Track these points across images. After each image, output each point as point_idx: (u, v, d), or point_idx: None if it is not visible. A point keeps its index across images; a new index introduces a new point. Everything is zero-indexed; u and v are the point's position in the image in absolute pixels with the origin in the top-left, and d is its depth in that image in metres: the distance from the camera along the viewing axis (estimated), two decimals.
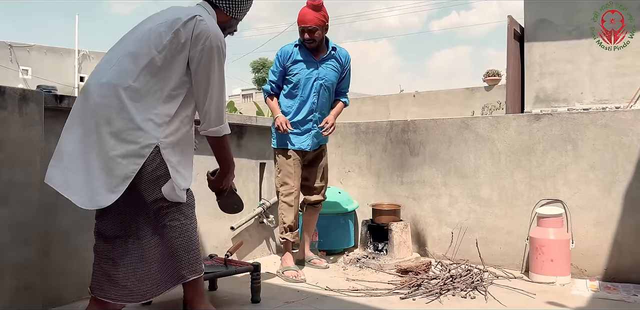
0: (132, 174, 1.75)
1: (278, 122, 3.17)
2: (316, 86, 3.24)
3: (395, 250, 3.48)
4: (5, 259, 2.07)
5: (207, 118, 1.93)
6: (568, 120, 3.25)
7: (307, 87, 3.23)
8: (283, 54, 3.27)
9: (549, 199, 3.28)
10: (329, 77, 3.28)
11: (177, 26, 1.86)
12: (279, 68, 3.28)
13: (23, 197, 2.13)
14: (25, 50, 19.62)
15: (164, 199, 1.83)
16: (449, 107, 12.47)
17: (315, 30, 3.17)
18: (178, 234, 1.91)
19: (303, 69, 3.23)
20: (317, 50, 3.28)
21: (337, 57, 3.33)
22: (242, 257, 3.59)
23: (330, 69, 3.29)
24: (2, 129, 2.07)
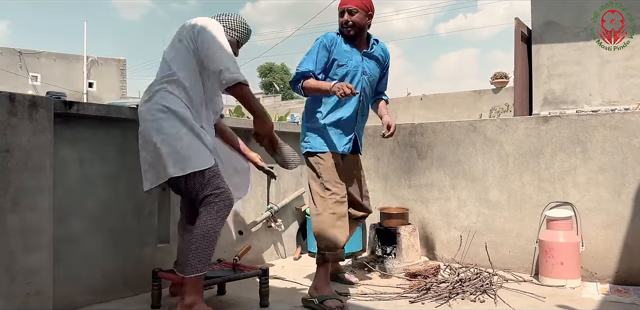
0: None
1: (338, 86, 2.52)
2: (362, 81, 2.81)
3: (404, 253, 3.46)
4: (16, 264, 2.09)
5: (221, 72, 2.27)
6: (577, 122, 3.24)
7: (354, 82, 2.78)
8: (329, 39, 2.76)
9: (558, 201, 3.26)
10: (373, 72, 2.87)
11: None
12: (321, 54, 2.74)
13: (33, 203, 2.15)
14: (35, 57, 19.82)
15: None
16: (457, 110, 12.45)
17: (356, 12, 2.74)
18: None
19: (350, 60, 2.77)
20: (358, 42, 2.84)
21: (379, 51, 2.92)
22: (250, 262, 3.59)
23: (374, 64, 2.88)
24: (12, 135, 2.09)
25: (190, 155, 2.27)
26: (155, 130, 2.30)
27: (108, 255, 2.68)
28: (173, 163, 2.25)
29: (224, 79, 2.25)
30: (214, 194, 2.28)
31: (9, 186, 2.06)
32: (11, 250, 2.08)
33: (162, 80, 2.38)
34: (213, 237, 2.26)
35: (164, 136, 2.28)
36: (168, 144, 2.27)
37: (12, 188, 2.07)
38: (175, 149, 2.26)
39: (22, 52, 19.38)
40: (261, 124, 2.37)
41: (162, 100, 2.33)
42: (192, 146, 2.29)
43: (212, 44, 2.32)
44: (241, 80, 2.27)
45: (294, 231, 4.08)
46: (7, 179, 2.06)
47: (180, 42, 2.40)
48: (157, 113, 2.31)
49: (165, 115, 2.30)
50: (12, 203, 2.08)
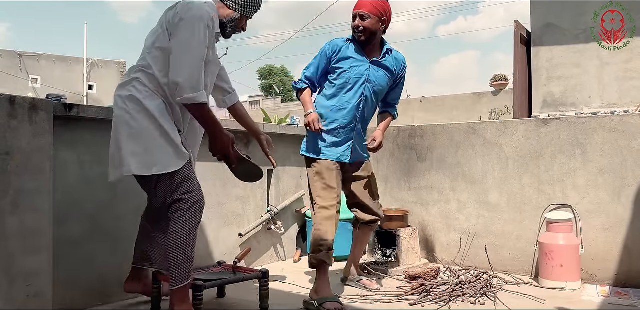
0: None
1: (309, 119, 2.70)
2: (365, 89, 2.79)
3: (404, 256, 3.46)
4: (15, 267, 2.09)
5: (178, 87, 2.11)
6: (576, 124, 3.24)
7: (354, 89, 2.77)
8: (332, 47, 2.79)
9: (558, 204, 3.26)
10: (380, 81, 2.82)
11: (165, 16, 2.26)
12: (322, 62, 2.81)
13: (33, 205, 2.14)
14: (35, 60, 19.85)
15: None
16: (456, 112, 12.47)
17: (367, 18, 2.70)
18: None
19: (353, 67, 2.76)
20: (370, 49, 2.81)
21: (392, 61, 2.87)
22: (250, 264, 3.59)
23: (382, 73, 2.83)
24: (12, 137, 2.09)
25: (156, 155, 2.15)
26: (123, 123, 2.19)
27: (107, 258, 2.68)
28: (137, 161, 2.15)
29: (179, 96, 2.10)
30: (183, 199, 2.18)
31: (8, 188, 2.06)
32: (11, 252, 2.08)
33: (138, 69, 2.25)
34: (191, 244, 2.19)
35: (132, 131, 2.17)
36: (134, 140, 2.16)
37: (12, 190, 2.07)
38: (141, 146, 2.15)
39: (22, 54, 19.41)
40: (213, 142, 2.23)
41: (135, 91, 2.21)
42: (160, 145, 2.16)
43: (181, 48, 2.13)
44: (200, 101, 2.12)
45: (294, 233, 4.08)
46: (7, 182, 2.06)
47: (162, 27, 2.23)
48: (129, 104, 2.20)
49: (137, 108, 2.18)
50: (12, 205, 2.07)
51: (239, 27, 2.40)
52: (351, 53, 2.79)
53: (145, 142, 2.15)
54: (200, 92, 2.10)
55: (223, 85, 2.61)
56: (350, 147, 2.83)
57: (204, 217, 3.29)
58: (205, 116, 2.17)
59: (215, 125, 2.20)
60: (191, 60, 2.11)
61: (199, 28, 2.13)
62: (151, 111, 2.17)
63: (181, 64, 2.10)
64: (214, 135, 2.21)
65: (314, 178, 2.79)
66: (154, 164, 2.15)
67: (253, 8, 2.38)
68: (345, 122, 2.79)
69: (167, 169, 2.16)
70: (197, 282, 2.41)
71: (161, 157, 2.15)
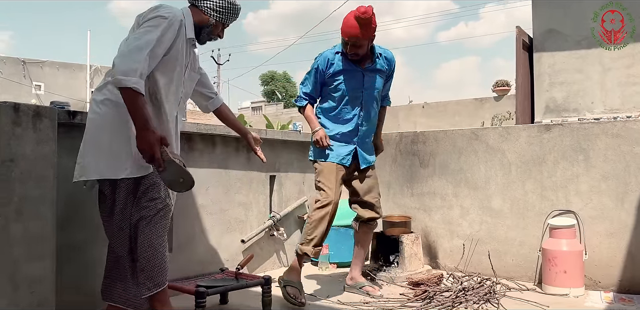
0: None
1: (317, 136, 2.86)
2: (363, 98, 2.92)
3: (407, 262, 3.46)
4: (19, 273, 2.09)
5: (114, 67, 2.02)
6: (579, 130, 3.24)
7: (352, 101, 2.91)
8: (323, 62, 2.89)
9: (561, 209, 3.25)
10: (375, 84, 2.95)
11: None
12: (317, 76, 2.91)
13: (37, 212, 2.15)
14: (38, 66, 19.95)
15: None
16: (458, 118, 12.46)
17: (361, 45, 2.80)
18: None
19: (348, 80, 2.87)
20: (362, 59, 2.92)
21: (382, 61, 2.98)
22: (253, 270, 3.59)
23: (377, 77, 2.96)
24: (16, 144, 2.10)
25: (125, 159, 2.11)
26: (96, 127, 2.15)
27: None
28: (107, 164, 2.11)
29: (113, 76, 2.02)
30: (149, 206, 2.13)
31: (13, 195, 2.07)
32: (15, 259, 2.08)
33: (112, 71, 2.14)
34: (162, 252, 2.14)
35: (103, 135, 2.13)
36: (106, 142, 2.12)
37: (16, 197, 2.08)
38: (112, 149, 2.11)
39: (26, 61, 19.51)
40: (137, 140, 2.03)
41: (110, 94, 2.14)
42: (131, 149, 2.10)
43: (135, 36, 2.08)
44: (126, 86, 1.98)
45: (297, 240, 4.07)
46: (11, 189, 2.07)
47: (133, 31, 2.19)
48: (102, 107, 2.15)
49: (110, 111, 2.13)
50: (16, 212, 2.08)
51: (215, 34, 2.38)
52: (344, 65, 2.89)
53: (116, 146, 2.11)
54: (133, 78, 1.98)
55: (204, 91, 2.62)
56: (352, 152, 2.96)
57: (207, 223, 3.32)
58: (134, 104, 2.00)
59: (142, 119, 2.02)
60: (137, 45, 2.03)
61: (160, 25, 2.10)
62: (124, 115, 2.08)
63: (125, 47, 2.05)
64: (139, 129, 2.03)
65: (316, 178, 2.96)
66: (123, 168, 2.11)
67: (229, 15, 2.36)
68: (348, 130, 2.95)
69: (137, 172, 2.12)
70: (200, 289, 2.41)
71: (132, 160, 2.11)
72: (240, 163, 3.56)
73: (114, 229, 2.19)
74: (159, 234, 2.14)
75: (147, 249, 2.11)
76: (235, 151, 3.53)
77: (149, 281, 2.11)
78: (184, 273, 2.97)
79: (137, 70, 1.99)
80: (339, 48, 2.91)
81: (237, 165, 3.52)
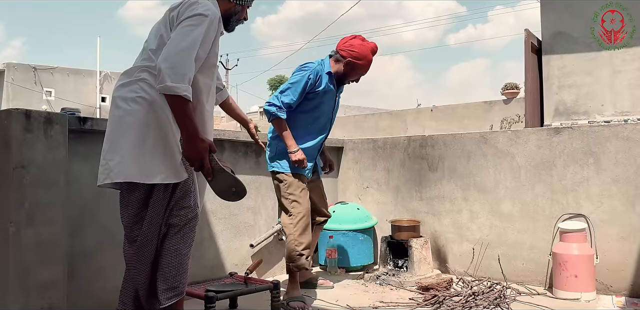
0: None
1: (298, 157, 2.89)
2: (332, 118, 3.14)
3: (416, 267, 3.44)
4: (30, 279, 2.11)
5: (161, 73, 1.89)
6: (589, 133, 3.22)
7: (326, 117, 3.08)
8: (315, 76, 2.93)
9: (571, 213, 3.23)
10: (338, 107, 3.21)
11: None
12: (304, 90, 2.91)
13: (48, 218, 2.18)
14: (49, 73, 20.14)
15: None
16: (467, 121, 12.41)
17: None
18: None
19: (327, 101, 3.03)
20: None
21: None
22: (262, 275, 3.59)
23: (339, 99, 3.19)
24: (28, 151, 2.12)
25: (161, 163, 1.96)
26: (128, 125, 1.98)
27: (122, 268, 2.69)
28: (138, 166, 1.94)
29: (161, 83, 1.88)
30: (179, 215, 2.01)
31: (24, 201, 2.10)
32: (26, 264, 2.10)
33: (142, 68, 2.05)
34: (187, 262, 2.05)
35: (136, 134, 1.96)
36: (138, 143, 1.96)
37: (27, 203, 2.10)
38: (146, 151, 1.95)
39: (37, 67, 19.71)
40: (186, 147, 1.95)
41: (143, 93, 2.00)
42: (170, 153, 1.98)
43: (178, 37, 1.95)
44: (179, 93, 1.88)
45: None
46: (23, 194, 2.10)
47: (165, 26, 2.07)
48: (134, 105, 1.99)
49: (143, 111, 1.98)
50: (27, 218, 2.11)
51: (241, 18, 2.30)
52: (328, 85, 2.98)
53: (151, 148, 1.96)
54: (183, 85, 1.89)
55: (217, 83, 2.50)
56: (313, 166, 3.11)
57: (216, 228, 3.33)
58: (183, 112, 1.92)
59: (192, 126, 1.94)
60: (184, 48, 1.92)
61: (202, 24, 1.98)
62: (160, 116, 1.98)
63: (171, 50, 1.91)
64: (188, 138, 1.95)
65: (286, 190, 2.97)
66: (158, 173, 1.95)
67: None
68: (314, 144, 3.05)
69: (175, 178, 1.98)
70: (209, 294, 2.42)
71: (166, 165, 1.97)
72: (249, 168, 3.57)
73: (139, 237, 2.02)
74: (186, 244, 2.04)
75: (174, 258, 2.00)
76: (244, 156, 3.54)
77: (170, 290, 2.00)
78: (193, 277, 2.97)
79: (185, 75, 1.90)
80: (328, 68, 2.99)
81: (245, 170, 3.54)
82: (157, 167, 1.95)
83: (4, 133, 2.12)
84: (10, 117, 2.09)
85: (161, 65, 1.88)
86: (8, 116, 2.10)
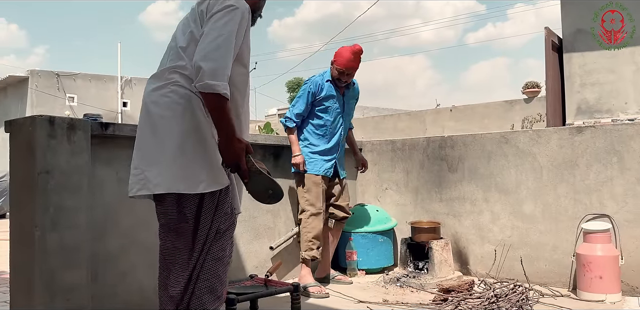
0: None
1: (297, 161, 3.37)
2: (344, 120, 3.51)
3: (437, 268, 3.42)
4: (55, 282, 2.15)
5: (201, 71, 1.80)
6: (612, 131, 3.16)
7: (336, 121, 3.46)
8: (315, 86, 3.41)
9: (595, 213, 3.18)
10: (352, 110, 3.62)
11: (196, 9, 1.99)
12: (308, 100, 3.41)
13: (72, 222, 2.22)
14: (71, 79, 20.49)
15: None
16: (488, 121, 12.28)
17: (353, 74, 3.45)
18: None
19: (334, 105, 3.44)
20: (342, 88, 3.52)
21: (355, 89, 3.62)
22: (282, 277, 3.61)
23: (352, 103, 3.61)
24: (52, 156, 2.17)
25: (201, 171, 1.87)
26: (164, 131, 1.88)
27: (145, 271, 2.73)
28: (178, 176, 1.85)
29: (200, 81, 1.79)
30: (221, 221, 1.94)
31: (49, 206, 2.14)
32: (51, 268, 2.15)
33: (171, 70, 1.97)
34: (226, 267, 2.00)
35: (174, 141, 1.87)
36: (176, 150, 1.86)
37: (52, 208, 2.15)
38: (185, 159, 1.86)
39: (60, 74, 20.07)
40: (223, 148, 1.88)
41: (177, 97, 1.91)
42: (209, 159, 1.89)
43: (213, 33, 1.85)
44: (220, 92, 1.80)
45: None
46: (47, 199, 2.14)
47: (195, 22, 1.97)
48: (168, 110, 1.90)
49: (181, 114, 1.89)
50: (52, 222, 2.15)
51: (261, 12, 2.24)
52: (331, 91, 3.43)
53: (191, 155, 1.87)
54: (223, 83, 1.81)
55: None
56: (333, 166, 3.47)
57: (236, 230, 3.33)
58: (222, 111, 1.83)
59: (230, 126, 1.86)
60: (220, 43, 1.84)
61: (234, 16, 1.90)
62: (196, 120, 1.89)
63: (208, 46, 1.82)
64: (225, 138, 1.86)
65: (303, 190, 3.42)
66: (200, 181, 1.86)
67: None
68: (331, 146, 3.45)
69: (217, 185, 1.90)
70: (230, 296, 2.43)
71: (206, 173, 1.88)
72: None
73: (180, 244, 1.93)
74: (225, 249, 1.98)
75: (214, 263, 1.94)
76: (262, 159, 3.56)
77: (210, 294, 1.94)
78: None
79: (224, 72, 1.82)
80: (328, 76, 3.45)
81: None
82: (198, 176, 1.86)
83: (28, 139, 2.17)
84: (35, 123, 2.14)
85: (199, 62, 1.80)
86: (32, 123, 2.15)
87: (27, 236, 2.14)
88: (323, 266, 3.60)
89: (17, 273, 2.29)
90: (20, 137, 2.24)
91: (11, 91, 19.58)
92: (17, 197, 2.31)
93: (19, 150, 2.25)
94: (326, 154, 3.44)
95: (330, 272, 3.62)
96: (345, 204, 3.60)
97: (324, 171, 3.42)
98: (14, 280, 2.31)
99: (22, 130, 2.22)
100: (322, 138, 3.44)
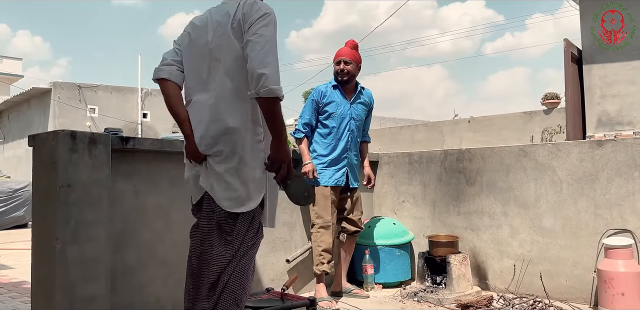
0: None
1: (307, 169, 3.31)
2: (350, 126, 3.45)
3: (455, 283, 3.38)
4: (75, 294, 2.18)
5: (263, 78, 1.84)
6: (633, 145, 3.12)
7: (342, 127, 3.43)
8: (318, 94, 3.44)
9: (616, 228, 3.12)
10: (360, 116, 3.52)
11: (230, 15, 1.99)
12: (313, 108, 3.44)
13: (92, 235, 2.25)
14: (93, 90, 20.85)
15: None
16: (506, 132, 12.17)
17: (350, 63, 3.41)
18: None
19: (339, 109, 3.43)
20: (349, 90, 3.50)
21: (364, 96, 3.58)
22: (298, 291, 3.60)
23: (360, 109, 3.53)
24: (73, 170, 2.21)
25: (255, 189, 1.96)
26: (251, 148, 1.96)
27: (163, 283, 2.75)
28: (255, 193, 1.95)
29: (264, 87, 1.83)
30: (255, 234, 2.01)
31: (70, 219, 2.18)
32: (72, 280, 2.18)
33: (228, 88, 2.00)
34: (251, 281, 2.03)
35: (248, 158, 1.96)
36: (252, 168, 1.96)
37: (72, 221, 2.19)
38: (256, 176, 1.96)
39: (81, 86, 20.44)
40: (277, 149, 1.93)
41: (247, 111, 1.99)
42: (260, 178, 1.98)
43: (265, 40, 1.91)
44: (281, 96, 1.88)
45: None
46: (68, 212, 2.18)
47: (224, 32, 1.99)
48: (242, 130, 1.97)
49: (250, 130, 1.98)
50: (72, 235, 2.19)
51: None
52: (335, 97, 3.44)
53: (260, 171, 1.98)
54: (280, 87, 1.88)
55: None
56: (345, 174, 3.43)
57: None
58: (279, 113, 1.91)
59: (284, 128, 1.95)
60: (271, 50, 1.90)
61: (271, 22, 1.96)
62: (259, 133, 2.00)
63: (266, 54, 1.88)
64: (279, 139, 1.93)
65: (316, 202, 3.36)
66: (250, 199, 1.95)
67: None
68: (338, 153, 3.41)
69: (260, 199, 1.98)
70: None
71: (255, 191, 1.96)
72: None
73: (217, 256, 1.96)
74: (252, 264, 2.03)
75: (242, 275, 1.98)
76: None
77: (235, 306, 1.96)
78: None
79: (279, 77, 1.90)
80: (333, 81, 3.47)
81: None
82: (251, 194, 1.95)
83: (51, 153, 2.22)
84: (57, 138, 2.19)
85: (261, 70, 1.85)
86: (55, 137, 2.20)
87: (49, 249, 2.18)
88: (337, 280, 3.60)
89: (38, 285, 2.32)
90: (43, 151, 2.29)
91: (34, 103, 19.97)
92: (39, 210, 2.35)
93: (42, 164, 2.29)
94: (335, 164, 3.39)
95: (347, 286, 3.61)
96: (357, 219, 3.55)
97: (334, 181, 3.37)
98: (35, 291, 2.35)
99: (44, 145, 2.26)
100: (329, 146, 3.41)
